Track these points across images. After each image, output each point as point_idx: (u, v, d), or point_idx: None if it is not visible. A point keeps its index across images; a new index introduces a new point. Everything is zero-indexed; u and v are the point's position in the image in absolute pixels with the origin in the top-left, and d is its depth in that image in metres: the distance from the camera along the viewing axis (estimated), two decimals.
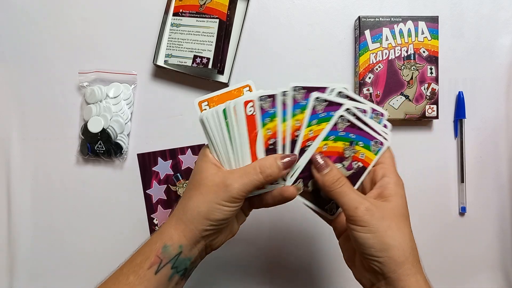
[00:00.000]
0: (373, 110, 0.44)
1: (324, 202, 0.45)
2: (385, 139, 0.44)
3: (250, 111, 0.40)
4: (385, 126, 0.44)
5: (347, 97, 0.43)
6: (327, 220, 0.46)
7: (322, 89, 0.42)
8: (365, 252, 0.38)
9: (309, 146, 0.42)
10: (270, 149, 0.42)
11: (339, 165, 0.43)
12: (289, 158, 0.41)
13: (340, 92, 0.43)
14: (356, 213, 0.38)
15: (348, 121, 0.42)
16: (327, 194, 0.41)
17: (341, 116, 0.42)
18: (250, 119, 0.41)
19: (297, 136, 0.42)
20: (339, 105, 0.42)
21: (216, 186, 0.40)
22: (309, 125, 0.42)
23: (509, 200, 0.68)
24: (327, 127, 0.42)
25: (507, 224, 0.68)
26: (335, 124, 0.42)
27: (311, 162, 0.42)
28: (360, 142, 0.43)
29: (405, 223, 0.39)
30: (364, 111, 0.43)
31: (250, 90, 0.45)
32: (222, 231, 0.43)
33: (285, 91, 0.41)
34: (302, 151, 0.42)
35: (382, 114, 0.44)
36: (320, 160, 0.42)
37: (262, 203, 0.44)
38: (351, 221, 0.39)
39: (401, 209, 0.40)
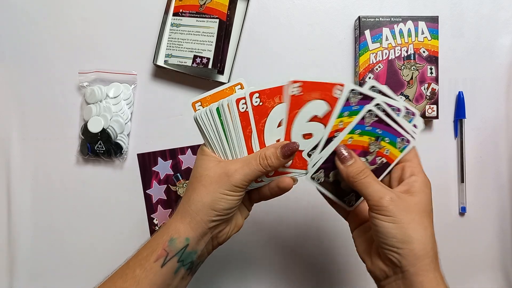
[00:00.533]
0: (406, 108, 0.43)
1: (344, 193, 0.45)
2: (412, 137, 0.43)
3: (243, 108, 0.41)
4: (415, 126, 0.44)
5: (381, 92, 0.43)
6: (344, 212, 0.47)
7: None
8: (386, 242, 0.38)
9: (336, 136, 0.43)
10: None
11: (362, 159, 0.43)
12: (288, 147, 0.41)
13: (373, 87, 0.42)
14: (381, 202, 0.38)
15: (376, 116, 0.42)
16: (350, 185, 0.41)
17: (370, 110, 0.42)
18: (243, 116, 0.41)
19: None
20: (372, 99, 0.42)
21: (218, 176, 0.40)
22: (340, 116, 0.42)
23: (509, 200, 0.68)
24: (354, 120, 0.42)
25: (507, 224, 0.68)
26: (363, 118, 0.42)
27: (335, 153, 0.42)
28: (386, 138, 0.43)
29: (428, 219, 0.39)
30: (399, 110, 0.43)
31: (242, 88, 0.45)
32: (228, 222, 0.43)
33: (353, 90, 0.42)
34: (329, 140, 0.43)
35: (413, 113, 0.44)
36: (344, 151, 0.42)
37: (260, 195, 0.44)
38: (375, 210, 0.39)
39: (425, 206, 0.40)
